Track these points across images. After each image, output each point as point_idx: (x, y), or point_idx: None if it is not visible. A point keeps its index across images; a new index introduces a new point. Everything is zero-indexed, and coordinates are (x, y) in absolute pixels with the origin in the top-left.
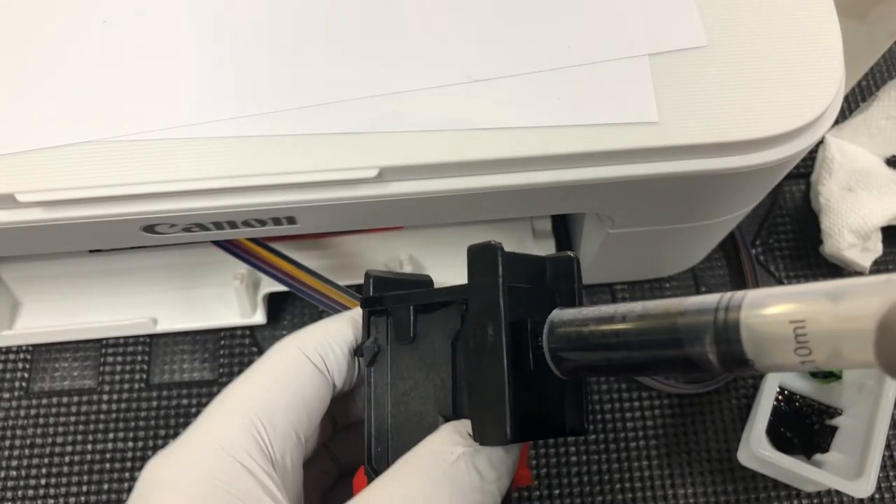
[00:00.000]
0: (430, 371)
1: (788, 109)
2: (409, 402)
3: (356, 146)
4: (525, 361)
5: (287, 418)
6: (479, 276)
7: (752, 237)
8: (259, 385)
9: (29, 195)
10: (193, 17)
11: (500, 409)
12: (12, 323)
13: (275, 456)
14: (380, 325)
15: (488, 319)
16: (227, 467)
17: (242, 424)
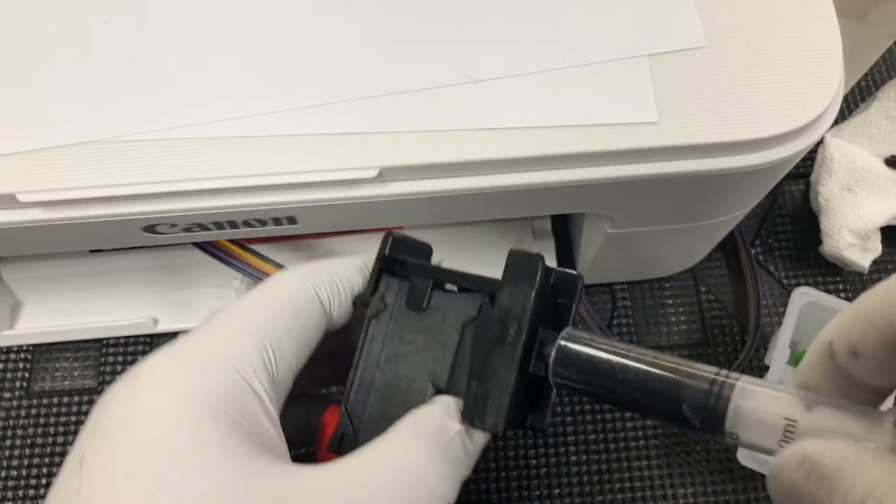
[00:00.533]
0: (434, 343)
1: (788, 109)
2: (402, 363)
3: (356, 146)
4: (527, 363)
5: (293, 349)
6: (516, 278)
7: (752, 237)
8: (273, 311)
9: (29, 195)
10: (193, 17)
11: (501, 401)
12: (13, 323)
13: (277, 381)
14: (391, 285)
15: (514, 321)
16: (236, 384)
17: (254, 345)
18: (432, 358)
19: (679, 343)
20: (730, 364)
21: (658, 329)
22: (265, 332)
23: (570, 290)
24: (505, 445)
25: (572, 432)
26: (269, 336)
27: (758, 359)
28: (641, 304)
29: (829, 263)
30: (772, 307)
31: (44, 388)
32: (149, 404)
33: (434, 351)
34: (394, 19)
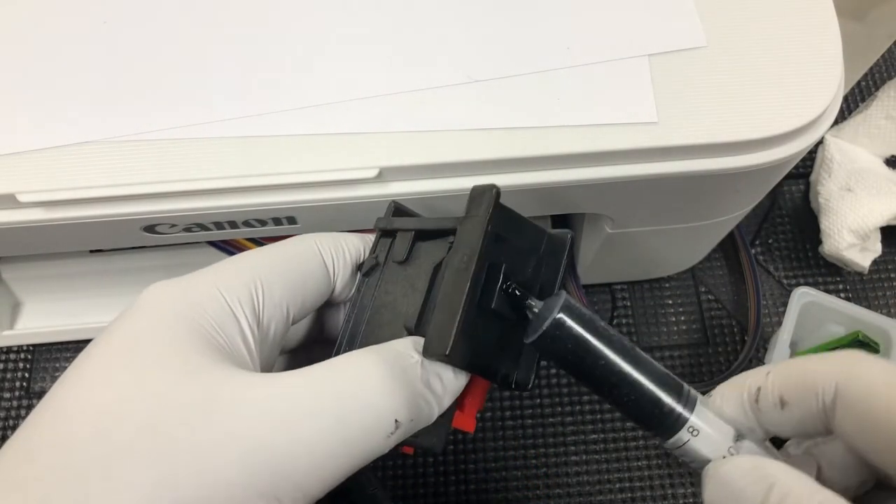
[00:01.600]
0: (410, 289)
1: (788, 109)
2: (384, 313)
3: (356, 146)
4: (488, 299)
5: (284, 291)
6: (471, 211)
7: (752, 237)
8: (270, 256)
9: (29, 195)
10: (193, 18)
11: (448, 326)
12: (13, 323)
13: (262, 317)
14: (384, 245)
15: (465, 247)
16: (218, 307)
17: (243, 279)
18: (407, 304)
19: (679, 343)
20: (730, 364)
21: (658, 329)
22: (258, 272)
23: (559, 249)
24: (505, 446)
25: (572, 432)
26: (261, 275)
27: (758, 359)
28: (641, 304)
29: (828, 263)
30: (772, 307)
31: (44, 388)
32: (138, 310)
33: (409, 297)
34: (394, 20)
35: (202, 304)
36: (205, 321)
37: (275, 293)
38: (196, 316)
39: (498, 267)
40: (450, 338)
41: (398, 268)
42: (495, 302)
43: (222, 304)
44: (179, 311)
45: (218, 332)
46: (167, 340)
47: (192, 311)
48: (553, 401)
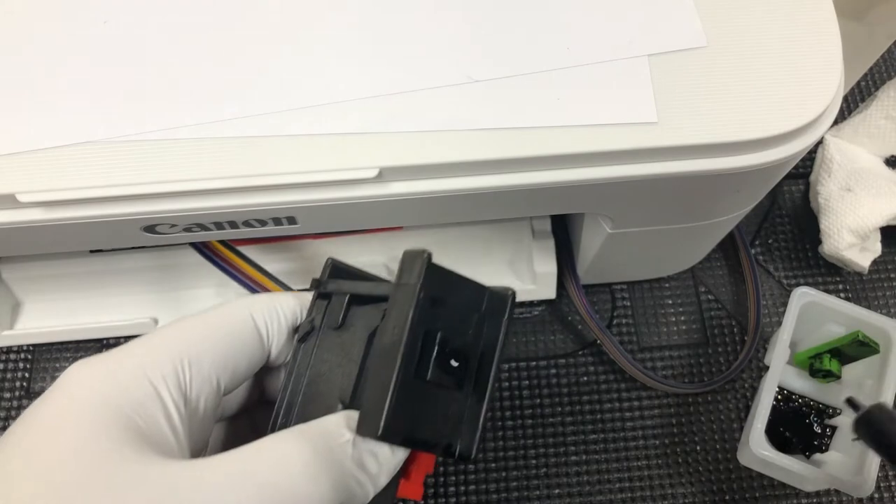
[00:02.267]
0: (345, 359)
1: (787, 109)
2: (320, 383)
3: (356, 146)
4: (424, 370)
5: (214, 364)
6: (403, 278)
7: (752, 237)
8: (198, 327)
9: (29, 195)
10: (194, 18)
11: (380, 404)
12: (13, 323)
13: (190, 394)
14: (320, 307)
15: (397, 319)
16: (141, 387)
17: (169, 355)
18: (342, 374)
19: (679, 343)
20: (729, 364)
21: (658, 329)
22: (186, 345)
23: (500, 307)
24: (505, 446)
25: (572, 432)
26: (189, 348)
27: (757, 359)
28: (641, 304)
29: (828, 263)
30: (771, 307)
31: (44, 387)
32: (57, 399)
33: (344, 367)
34: (394, 19)
35: (124, 386)
36: (125, 404)
37: (203, 367)
38: (117, 399)
39: (433, 335)
40: (381, 417)
41: (334, 334)
42: (431, 373)
43: (145, 385)
44: (98, 397)
45: (139, 416)
46: (83, 431)
47: (113, 394)
48: (553, 401)
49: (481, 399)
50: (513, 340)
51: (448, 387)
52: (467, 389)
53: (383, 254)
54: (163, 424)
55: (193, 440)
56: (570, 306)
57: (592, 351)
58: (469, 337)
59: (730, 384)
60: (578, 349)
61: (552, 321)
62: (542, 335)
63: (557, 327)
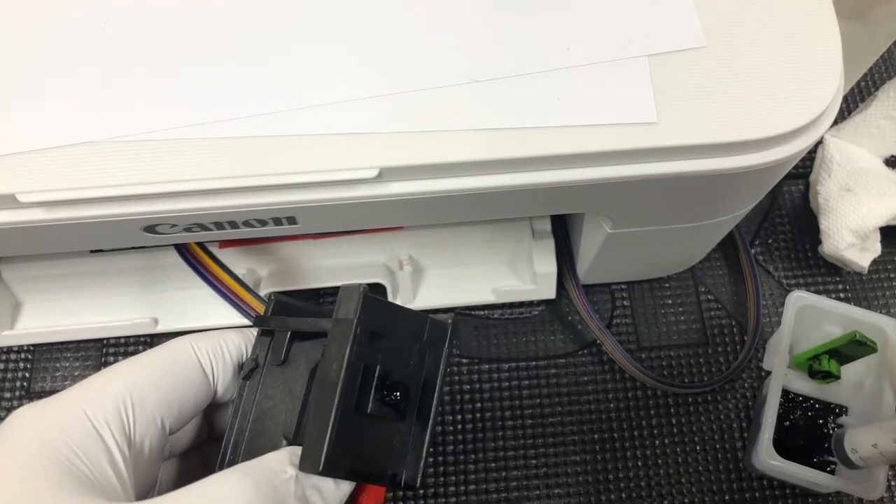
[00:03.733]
0: (288, 395)
1: (787, 110)
2: (265, 420)
3: (356, 146)
4: (364, 403)
5: (158, 405)
6: (341, 313)
7: (751, 237)
8: (142, 367)
9: (30, 195)
10: (194, 17)
11: (320, 440)
12: (13, 323)
13: (134, 436)
14: (263, 344)
15: (335, 355)
16: (83, 431)
17: (112, 397)
18: (285, 410)
19: (678, 343)
20: (729, 364)
21: (658, 329)
22: (128, 386)
23: (440, 337)
24: (505, 446)
25: (572, 432)
26: (131, 389)
27: (757, 359)
28: (641, 304)
29: (828, 263)
30: (771, 307)
31: (44, 388)
32: (2, 440)
33: (287, 402)
34: (394, 19)
35: (66, 430)
36: (67, 449)
37: (147, 407)
38: (59, 444)
39: (373, 368)
40: (322, 452)
41: (277, 370)
42: (371, 406)
43: (87, 428)
44: (41, 441)
45: (81, 460)
46: (22, 477)
47: (56, 438)
48: (553, 401)
49: (424, 428)
50: (512, 340)
51: (390, 418)
52: (410, 419)
53: (383, 254)
54: (106, 468)
55: (139, 481)
56: (570, 306)
57: (592, 351)
58: (410, 368)
59: (730, 384)
60: (578, 349)
61: (552, 321)
62: (542, 335)
63: (557, 327)
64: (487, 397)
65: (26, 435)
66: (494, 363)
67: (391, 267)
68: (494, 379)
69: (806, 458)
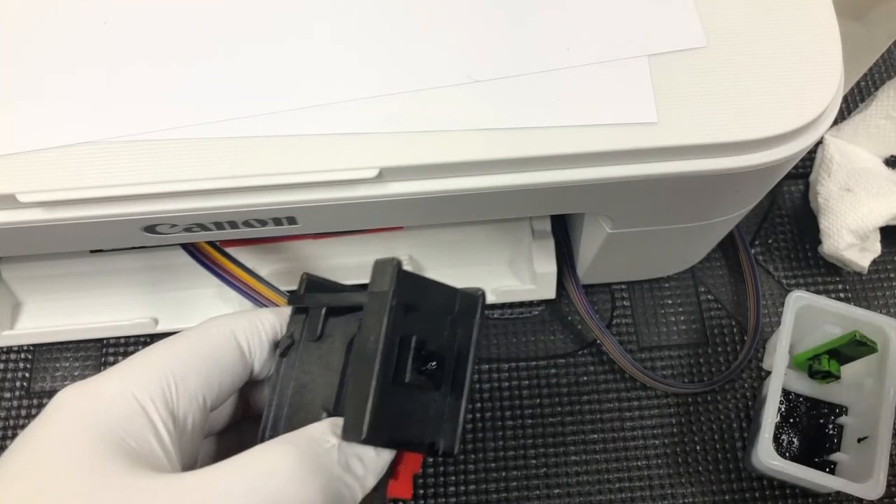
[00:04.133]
0: (326, 369)
1: (787, 110)
2: (304, 394)
3: (356, 146)
4: (402, 373)
5: (199, 383)
6: (376, 286)
7: (751, 237)
8: (182, 347)
9: (30, 195)
10: (193, 17)
11: (362, 409)
12: (13, 323)
13: (178, 412)
14: (298, 322)
15: (372, 327)
16: (129, 408)
17: (156, 375)
18: (324, 383)
19: (678, 343)
20: (729, 364)
21: (658, 329)
22: (171, 366)
23: (471, 307)
24: (505, 446)
25: (572, 432)
26: (174, 369)
27: (757, 359)
28: (641, 304)
29: (828, 263)
30: (771, 307)
31: (44, 387)
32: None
33: (326, 376)
34: (393, 19)
35: (113, 408)
36: (116, 425)
37: (189, 385)
38: (106, 421)
39: (409, 339)
40: (363, 422)
41: (313, 346)
42: (409, 376)
43: (133, 406)
44: (89, 419)
45: (129, 435)
46: (73, 454)
47: (103, 416)
48: (553, 401)
49: (459, 397)
50: (512, 340)
51: (426, 388)
52: (445, 389)
53: (383, 254)
54: (153, 443)
55: (184, 456)
56: (570, 306)
57: (592, 351)
58: (444, 339)
59: (730, 384)
60: (578, 349)
61: (552, 321)
62: (542, 335)
63: (557, 327)
64: (487, 397)
65: (73, 414)
66: (494, 363)
67: None
68: (494, 379)
69: (806, 458)
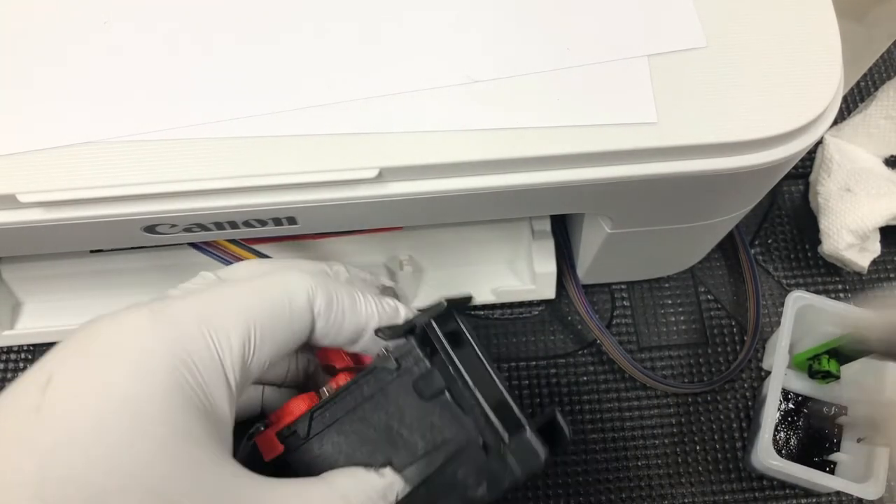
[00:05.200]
0: (415, 433)
1: (787, 110)
2: (378, 423)
3: (356, 146)
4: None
5: (271, 349)
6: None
7: (751, 237)
8: (262, 301)
9: (30, 195)
10: (193, 17)
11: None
12: (13, 323)
13: (248, 373)
14: (414, 354)
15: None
16: (208, 360)
17: (238, 331)
18: (403, 442)
19: (678, 343)
20: (729, 364)
21: (657, 329)
22: (252, 323)
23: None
24: None
25: (572, 432)
26: (255, 328)
27: (757, 359)
28: (641, 304)
29: (828, 263)
30: (771, 307)
31: None
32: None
33: (409, 438)
34: (393, 19)
35: (194, 359)
36: (196, 383)
37: (264, 349)
38: (186, 369)
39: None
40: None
41: (414, 396)
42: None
43: (214, 359)
44: (169, 361)
45: (204, 392)
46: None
47: (182, 360)
48: (553, 401)
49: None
50: (512, 340)
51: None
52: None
53: (383, 254)
54: (225, 408)
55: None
56: (569, 306)
57: (592, 351)
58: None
59: (729, 384)
60: (578, 349)
61: (552, 321)
62: (542, 335)
63: (557, 327)
64: None
65: (151, 348)
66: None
67: (391, 267)
68: None
69: (806, 458)
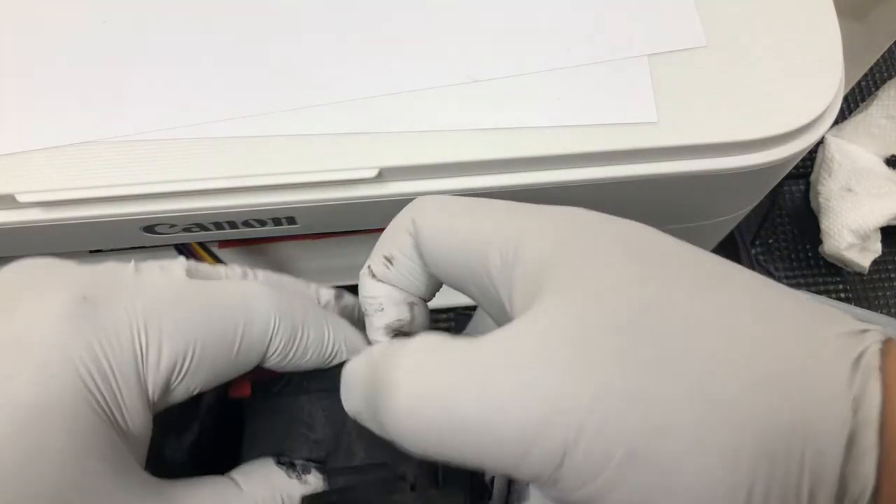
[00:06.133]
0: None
1: (788, 109)
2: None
3: (356, 146)
4: None
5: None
6: None
7: (752, 237)
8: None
9: (29, 195)
10: (193, 17)
11: None
12: None
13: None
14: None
15: None
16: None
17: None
18: (347, 444)
19: None
20: None
21: None
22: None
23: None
24: None
25: None
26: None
27: None
28: None
29: (828, 263)
30: None
31: None
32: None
33: (353, 445)
34: (393, 19)
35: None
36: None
37: (196, 379)
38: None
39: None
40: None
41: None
42: None
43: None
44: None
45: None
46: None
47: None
48: None
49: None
50: None
51: None
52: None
53: None
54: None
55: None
56: None
57: None
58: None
59: None
60: None
61: None
62: None
63: None
64: None
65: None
66: None
67: None
68: None
69: None
